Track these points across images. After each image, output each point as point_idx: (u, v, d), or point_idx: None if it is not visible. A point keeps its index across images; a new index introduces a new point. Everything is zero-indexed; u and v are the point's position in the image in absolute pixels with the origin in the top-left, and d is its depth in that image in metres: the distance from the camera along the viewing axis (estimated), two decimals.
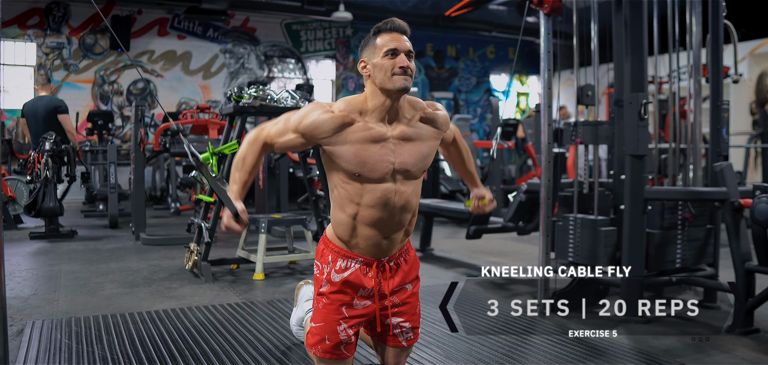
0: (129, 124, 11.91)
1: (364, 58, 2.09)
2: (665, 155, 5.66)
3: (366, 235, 2.10)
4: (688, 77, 4.19)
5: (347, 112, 2.05)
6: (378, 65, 2.03)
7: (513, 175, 11.05)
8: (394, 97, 2.04)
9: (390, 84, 2.01)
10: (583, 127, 3.88)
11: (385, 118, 2.06)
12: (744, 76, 11.35)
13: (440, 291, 4.36)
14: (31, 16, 11.42)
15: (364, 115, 2.06)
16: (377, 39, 2.07)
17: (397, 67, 2.00)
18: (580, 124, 3.90)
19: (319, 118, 2.04)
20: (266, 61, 13.41)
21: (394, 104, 2.05)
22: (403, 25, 2.08)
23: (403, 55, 2.02)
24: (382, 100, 2.04)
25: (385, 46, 2.04)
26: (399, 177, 2.07)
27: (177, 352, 2.99)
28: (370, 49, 2.08)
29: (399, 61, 2.01)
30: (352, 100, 2.09)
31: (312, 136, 2.05)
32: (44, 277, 4.72)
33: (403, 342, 2.27)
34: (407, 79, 2.02)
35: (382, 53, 2.03)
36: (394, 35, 2.06)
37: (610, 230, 3.81)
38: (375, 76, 2.04)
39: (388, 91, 2.03)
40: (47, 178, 6.39)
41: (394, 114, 2.07)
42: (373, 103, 2.05)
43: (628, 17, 3.69)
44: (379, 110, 2.05)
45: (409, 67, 2.02)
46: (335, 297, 2.15)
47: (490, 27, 14.50)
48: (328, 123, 2.03)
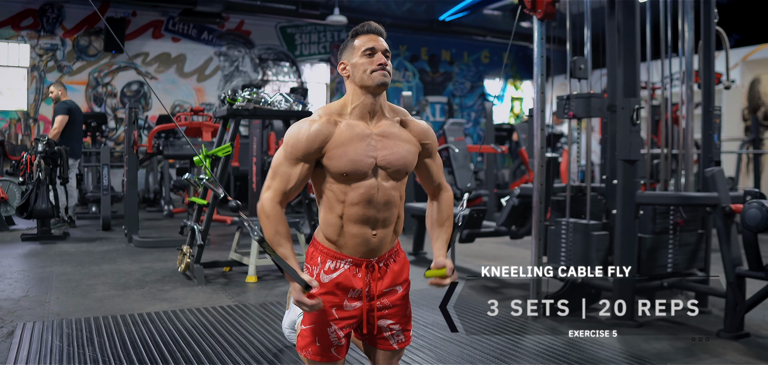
0: (122, 126, 11.89)
1: (344, 60, 2.16)
2: (657, 160, 5.69)
3: (353, 233, 2.11)
4: (681, 83, 4.21)
5: (330, 115, 2.09)
6: (357, 64, 2.10)
7: (506, 180, 11.07)
8: (374, 92, 2.10)
9: (369, 80, 2.08)
10: (576, 100, 3.80)
11: (366, 115, 2.11)
12: (736, 82, 11.41)
13: (432, 294, 4.37)
14: (24, 17, 11.39)
15: (345, 116, 2.10)
16: (355, 41, 2.15)
17: (376, 64, 2.07)
18: (573, 97, 3.83)
19: (311, 131, 2.06)
20: (261, 64, 13.41)
21: (375, 101, 2.11)
22: (380, 28, 2.17)
23: (380, 53, 2.09)
24: (363, 98, 2.11)
25: (362, 46, 2.11)
26: (381, 173, 2.10)
27: (169, 354, 2.99)
28: (348, 50, 2.15)
29: (377, 59, 2.09)
30: (330, 106, 2.15)
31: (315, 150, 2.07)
32: (36, 279, 4.70)
33: (394, 344, 2.27)
34: (385, 75, 2.09)
35: (360, 53, 2.10)
36: (371, 36, 2.13)
37: (602, 234, 3.83)
38: (354, 75, 2.11)
39: (368, 87, 2.09)
40: (40, 179, 6.37)
41: (374, 112, 2.12)
42: (353, 103, 2.11)
43: (621, 23, 3.71)
44: (359, 108, 2.11)
45: (387, 64, 2.08)
46: (325, 298, 2.15)
47: (485, 32, 14.55)
48: (322, 129, 2.06)
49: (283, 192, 2.10)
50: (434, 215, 2.30)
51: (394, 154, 2.11)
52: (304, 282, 2.02)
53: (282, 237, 2.08)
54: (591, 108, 3.77)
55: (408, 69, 14.79)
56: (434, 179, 2.29)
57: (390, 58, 2.12)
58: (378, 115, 2.13)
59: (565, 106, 3.86)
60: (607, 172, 3.92)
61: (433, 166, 2.28)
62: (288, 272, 2.08)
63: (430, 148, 2.26)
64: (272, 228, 2.08)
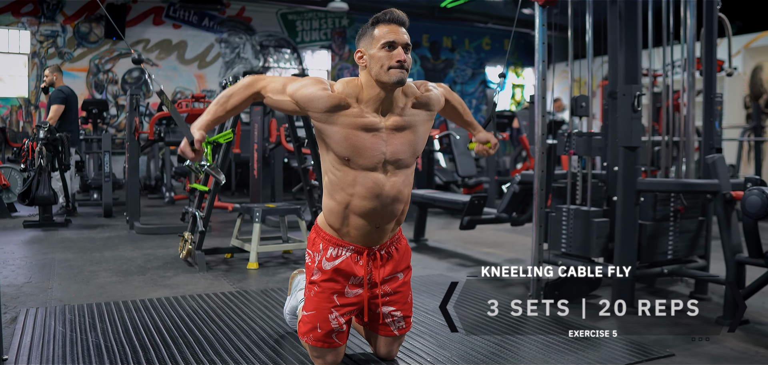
0: (124, 112, 11.88)
1: (361, 48, 2.09)
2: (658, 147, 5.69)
3: (357, 224, 2.11)
4: (682, 70, 4.20)
5: (344, 95, 2.06)
6: (375, 57, 2.03)
7: (507, 167, 11.07)
8: (389, 89, 2.05)
9: (386, 77, 2.02)
10: (577, 139, 3.93)
11: (379, 108, 2.07)
12: (738, 69, 11.37)
13: (434, 281, 4.39)
14: (25, 4, 11.36)
15: (360, 102, 2.07)
16: (375, 30, 2.07)
17: (394, 61, 2.01)
18: (574, 135, 3.95)
19: (316, 93, 2.05)
20: (262, 50, 13.38)
21: (389, 96, 2.07)
22: (402, 17, 2.09)
23: (400, 48, 2.03)
24: (377, 92, 2.05)
25: (382, 38, 2.04)
26: (390, 167, 2.08)
27: (170, 340, 3.00)
28: (367, 39, 2.08)
29: (396, 54, 2.02)
30: (351, 82, 2.09)
31: (305, 106, 2.06)
32: (38, 265, 4.72)
33: (394, 331, 2.29)
34: (403, 73, 2.03)
35: (380, 45, 2.03)
36: (393, 27, 2.06)
37: (602, 221, 3.83)
38: (371, 67, 2.05)
39: (384, 83, 2.04)
40: (41, 166, 6.38)
41: (388, 105, 2.08)
42: (368, 94, 2.07)
43: (623, 9, 3.70)
44: (373, 100, 2.06)
45: (406, 60, 2.02)
46: (326, 285, 2.17)
47: (486, 18, 14.50)
48: (323, 100, 2.05)
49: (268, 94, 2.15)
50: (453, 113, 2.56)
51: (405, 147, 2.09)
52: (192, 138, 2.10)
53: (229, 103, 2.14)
54: (592, 148, 3.92)
55: None
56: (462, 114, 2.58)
57: (410, 50, 2.07)
58: (392, 108, 2.09)
59: (566, 145, 3.97)
60: (608, 158, 3.93)
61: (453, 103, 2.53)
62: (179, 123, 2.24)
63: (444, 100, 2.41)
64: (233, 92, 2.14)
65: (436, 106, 2.24)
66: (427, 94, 2.20)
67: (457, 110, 2.53)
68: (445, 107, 2.46)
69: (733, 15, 4.85)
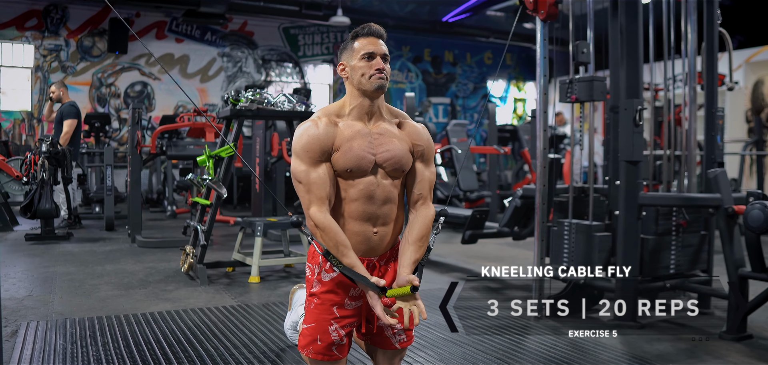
0: (126, 126, 11.91)
1: (343, 61, 2.19)
2: (660, 162, 5.68)
3: (354, 231, 2.13)
4: (684, 85, 4.21)
5: (330, 115, 2.13)
6: (355, 67, 2.13)
7: (509, 181, 11.07)
8: (372, 96, 2.14)
9: (367, 84, 2.11)
10: (579, 84, 3.75)
11: (364, 116, 2.15)
12: (739, 83, 11.39)
13: (435, 295, 4.37)
14: (29, 18, 11.42)
15: (343, 116, 2.14)
16: (355, 43, 2.18)
17: (374, 69, 2.09)
18: (575, 80, 3.78)
19: (320, 130, 2.10)
20: (264, 64, 13.43)
21: (373, 104, 2.15)
22: (380, 30, 2.19)
23: (378, 57, 2.13)
24: (361, 100, 2.15)
25: (362, 49, 2.14)
26: (380, 171, 2.13)
27: (172, 354, 3.00)
28: (348, 52, 2.18)
29: (375, 63, 2.12)
30: (328, 108, 2.19)
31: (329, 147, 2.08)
32: (39, 279, 4.72)
33: (396, 344, 2.28)
34: (383, 79, 2.12)
35: (359, 56, 2.13)
36: (371, 39, 2.16)
37: (604, 235, 3.83)
38: (353, 77, 2.15)
39: (365, 90, 2.13)
40: (43, 179, 6.39)
41: (372, 113, 2.15)
42: (352, 104, 2.15)
43: (624, 24, 3.71)
44: (357, 109, 2.15)
45: (384, 69, 2.10)
46: (326, 297, 2.17)
47: (488, 33, 14.54)
48: (328, 128, 2.10)
49: (325, 199, 2.07)
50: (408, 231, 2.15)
51: (391, 152, 2.13)
52: (377, 288, 2.02)
53: (343, 246, 2.05)
54: (594, 91, 3.68)
55: (411, 70, 14.79)
56: (418, 187, 2.18)
57: (389, 61, 2.15)
58: (376, 116, 2.16)
59: (568, 90, 3.79)
60: (610, 172, 3.92)
61: (422, 171, 2.19)
62: (359, 281, 2.06)
63: (421, 151, 2.20)
64: (331, 240, 2.05)
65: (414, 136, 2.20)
66: (413, 122, 2.25)
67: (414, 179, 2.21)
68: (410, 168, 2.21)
69: (733, 29, 4.85)
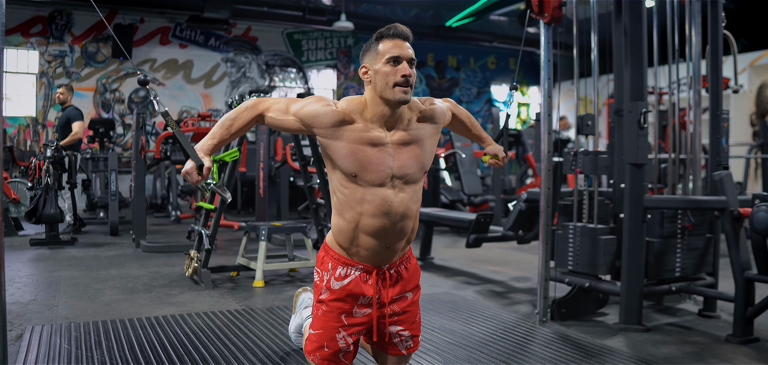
0: (130, 131, 11.94)
1: (366, 64, 2.07)
2: (665, 165, 5.67)
3: (367, 244, 2.08)
4: (688, 88, 4.20)
5: (349, 111, 2.03)
6: (379, 72, 2.00)
7: (513, 185, 11.06)
8: (394, 106, 2.03)
9: (390, 94, 1.99)
10: (583, 157, 3.91)
11: (384, 124, 2.05)
12: (744, 87, 11.37)
13: (440, 299, 4.37)
14: (34, 24, 11.47)
15: (364, 118, 2.05)
16: (380, 45, 2.04)
17: (399, 77, 1.98)
18: (579, 154, 3.92)
19: (319, 109, 2.03)
20: (267, 69, 13.45)
21: (394, 112, 2.05)
22: (406, 32, 2.06)
23: (405, 62, 2.00)
24: (381, 108, 2.03)
25: (387, 52, 2.01)
26: (398, 182, 2.05)
27: (176, 358, 2.99)
28: (371, 54, 2.06)
29: (401, 69, 1.99)
30: (355, 99, 2.08)
31: (310, 123, 2.05)
32: (44, 283, 4.73)
33: (402, 350, 2.26)
34: (407, 91, 2.00)
35: (384, 60, 2.00)
36: (397, 42, 2.03)
37: (609, 239, 3.82)
38: (376, 82, 2.02)
39: (388, 100, 2.01)
40: (48, 184, 6.40)
41: (393, 120, 2.05)
42: (372, 110, 2.04)
43: (628, 26, 3.71)
44: (378, 116, 2.03)
45: (411, 75, 2.01)
46: (335, 304, 2.14)
47: (491, 37, 14.54)
48: (327, 116, 2.02)
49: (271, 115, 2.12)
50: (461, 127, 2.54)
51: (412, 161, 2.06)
52: (200, 162, 2.09)
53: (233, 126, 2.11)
54: (598, 166, 3.89)
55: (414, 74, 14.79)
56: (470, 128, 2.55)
57: (415, 65, 2.06)
58: (397, 124, 2.06)
59: (572, 163, 3.94)
60: (615, 176, 3.91)
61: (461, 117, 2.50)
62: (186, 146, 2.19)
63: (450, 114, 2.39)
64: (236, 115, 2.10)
65: (442, 119, 2.22)
66: (432, 107, 2.18)
67: (465, 124, 2.51)
68: (453, 121, 2.44)
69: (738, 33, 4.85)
